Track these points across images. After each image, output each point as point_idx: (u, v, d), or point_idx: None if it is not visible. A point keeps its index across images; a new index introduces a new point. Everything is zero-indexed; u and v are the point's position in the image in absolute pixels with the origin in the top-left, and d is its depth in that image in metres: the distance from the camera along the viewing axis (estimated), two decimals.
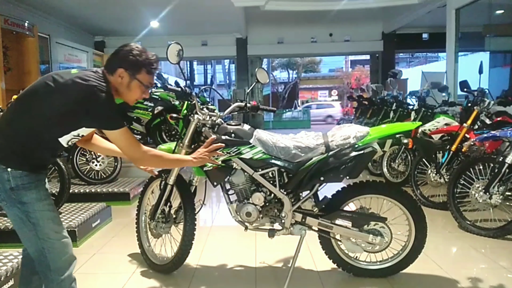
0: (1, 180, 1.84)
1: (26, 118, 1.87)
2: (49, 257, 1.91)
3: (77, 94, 1.83)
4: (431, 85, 6.37)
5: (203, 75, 29.66)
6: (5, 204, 1.88)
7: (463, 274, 2.98)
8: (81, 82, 1.85)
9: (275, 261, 3.28)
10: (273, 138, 2.72)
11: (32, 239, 1.91)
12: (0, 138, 1.88)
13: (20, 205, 1.86)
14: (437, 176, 4.70)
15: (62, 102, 1.84)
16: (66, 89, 1.84)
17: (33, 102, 1.88)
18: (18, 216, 1.89)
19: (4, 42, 6.68)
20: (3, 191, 1.86)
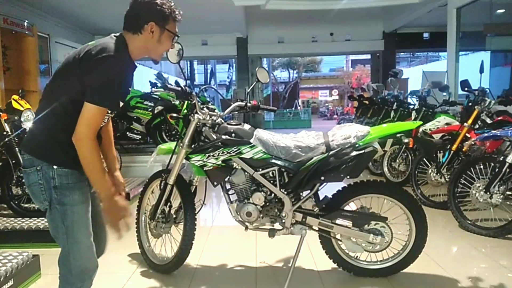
0: (46, 177, 1.76)
1: (56, 107, 1.78)
2: (73, 262, 1.85)
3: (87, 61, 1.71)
4: (432, 84, 6.36)
5: (203, 74, 29.64)
6: (47, 204, 1.79)
7: (463, 274, 2.97)
8: (93, 52, 1.72)
9: (276, 260, 3.27)
10: (273, 138, 2.71)
11: (61, 242, 1.85)
12: (41, 135, 1.82)
13: (59, 206, 1.77)
14: (437, 176, 4.69)
15: (76, 75, 1.72)
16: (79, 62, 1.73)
17: (56, 89, 1.80)
18: (55, 217, 1.80)
19: (3, 41, 6.68)
20: (47, 189, 1.77)
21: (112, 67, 1.70)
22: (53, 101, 1.78)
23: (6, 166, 3.94)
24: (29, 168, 1.78)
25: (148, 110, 6.44)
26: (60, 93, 1.77)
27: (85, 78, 1.69)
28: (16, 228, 3.69)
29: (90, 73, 1.68)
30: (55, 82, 1.83)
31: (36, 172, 1.76)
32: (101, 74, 1.68)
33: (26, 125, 3.99)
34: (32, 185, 1.78)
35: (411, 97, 7.04)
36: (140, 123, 6.58)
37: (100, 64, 1.68)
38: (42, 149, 1.79)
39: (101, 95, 1.69)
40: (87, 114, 1.68)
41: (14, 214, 4.01)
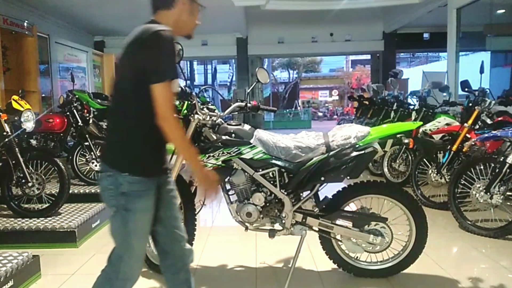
0: (115, 184, 1.77)
1: (122, 109, 1.81)
2: (122, 267, 1.87)
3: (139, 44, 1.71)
4: (432, 85, 6.35)
5: (203, 75, 29.64)
6: (114, 210, 1.80)
7: (463, 274, 2.97)
8: (139, 37, 1.72)
9: (276, 261, 3.27)
10: (273, 138, 2.71)
11: (117, 244, 1.87)
12: (114, 143, 1.85)
13: (123, 211, 1.78)
14: (438, 176, 4.69)
15: (132, 65, 1.73)
16: (130, 50, 1.74)
17: (116, 92, 1.83)
18: (117, 221, 1.81)
19: (3, 42, 6.67)
20: (116, 194, 1.77)
21: (164, 39, 1.69)
22: (118, 104, 1.82)
23: (6, 167, 3.94)
24: (103, 173, 1.81)
25: None
26: (124, 95, 1.79)
27: (142, 62, 1.69)
28: (16, 229, 3.69)
29: (145, 55, 1.69)
30: (117, 88, 1.84)
31: (107, 178, 1.79)
32: (156, 49, 1.69)
33: (26, 126, 3.99)
34: (103, 190, 1.82)
35: (411, 98, 7.04)
36: None
37: (151, 41, 1.69)
38: (113, 157, 1.82)
39: (163, 70, 1.69)
40: (159, 95, 1.68)
41: (14, 215, 4.01)
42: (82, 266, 3.29)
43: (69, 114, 5.58)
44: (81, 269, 3.25)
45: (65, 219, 3.85)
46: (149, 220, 1.86)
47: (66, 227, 3.71)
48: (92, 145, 5.47)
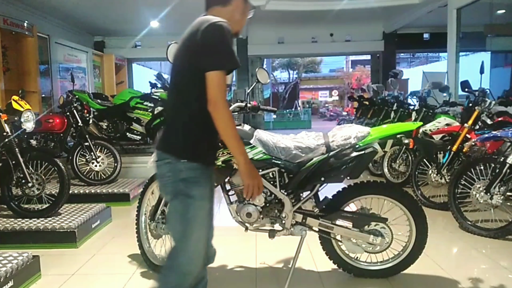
0: (174, 170, 1.79)
1: (180, 98, 1.84)
2: (180, 259, 1.86)
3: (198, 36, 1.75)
4: (432, 85, 6.35)
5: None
6: (171, 197, 1.83)
7: (464, 275, 2.97)
8: (197, 26, 1.77)
9: (276, 261, 3.27)
10: (273, 139, 2.70)
11: (176, 236, 1.87)
12: (173, 132, 1.86)
13: (185, 197, 1.79)
14: (438, 177, 4.69)
15: (190, 56, 1.77)
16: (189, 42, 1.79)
17: (175, 82, 1.88)
18: (177, 209, 1.82)
19: (3, 42, 6.67)
20: (174, 181, 1.80)
21: (222, 30, 1.74)
22: (178, 94, 1.85)
23: (6, 167, 3.94)
24: (160, 161, 1.84)
25: (148, 110, 6.44)
26: (182, 84, 1.82)
27: (201, 51, 1.73)
28: (16, 229, 3.69)
29: (203, 43, 1.73)
30: (176, 78, 1.88)
31: (165, 165, 1.81)
32: (213, 39, 1.73)
33: (26, 126, 3.99)
34: (161, 177, 1.85)
35: (411, 98, 7.03)
36: (140, 124, 6.58)
37: (209, 31, 1.73)
38: (173, 144, 1.84)
39: (219, 59, 1.73)
40: (212, 82, 1.71)
41: (14, 215, 4.01)
42: (82, 267, 3.29)
43: (69, 114, 5.59)
44: (81, 269, 3.25)
45: (65, 220, 3.85)
46: (210, 211, 1.89)
47: (66, 227, 3.71)
48: (92, 145, 5.48)
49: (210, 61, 1.72)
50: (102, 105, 6.75)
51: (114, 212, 4.64)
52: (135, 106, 6.49)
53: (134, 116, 6.53)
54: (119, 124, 6.61)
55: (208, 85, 1.71)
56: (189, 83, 1.78)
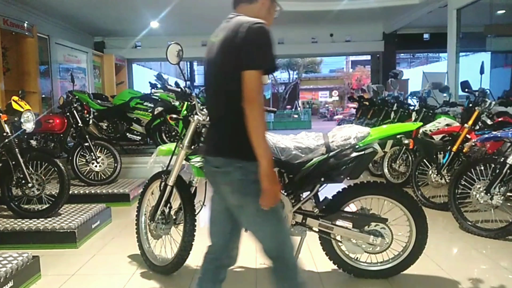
0: (247, 173, 1.76)
1: (228, 103, 1.81)
2: (287, 254, 1.90)
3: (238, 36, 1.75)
4: (432, 85, 6.35)
5: (203, 75, 29.65)
6: (246, 201, 1.80)
7: (464, 275, 2.97)
8: (235, 27, 1.77)
9: None
10: (273, 139, 2.70)
11: (271, 235, 1.87)
12: (228, 134, 1.83)
13: (255, 198, 1.77)
14: (438, 177, 4.69)
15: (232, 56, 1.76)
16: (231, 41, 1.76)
17: (217, 87, 1.86)
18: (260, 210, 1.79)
19: (3, 42, 6.67)
20: (250, 184, 1.77)
21: (261, 31, 1.75)
22: (228, 98, 1.81)
23: (6, 167, 3.94)
24: (226, 167, 1.79)
25: (148, 111, 6.44)
26: (232, 88, 1.78)
27: (241, 53, 1.73)
28: (16, 229, 3.69)
29: (243, 43, 1.73)
30: (217, 83, 1.87)
31: (237, 170, 1.77)
32: (253, 40, 1.73)
33: (26, 126, 3.98)
34: (231, 183, 1.80)
35: (411, 98, 7.03)
36: (140, 124, 6.58)
37: (249, 32, 1.73)
38: (238, 149, 1.79)
39: (257, 59, 1.73)
40: (249, 80, 1.71)
41: (14, 215, 4.01)
42: (82, 267, 3.29)
43: (69, 114, 5.59)
44: (81, 269, 3.24)
45: (65, 220, 3.85)
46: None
47: (66, 227, 3.71)
48: (92, 145, 5.48)
49: (248, 60, 1.72)
50: (102, 105, 6.75)
51: (114, 212, 4.63)
52: (135, 106, 6.49)
53: (134, 116, 6.53)
54: (119, 125, 6.61)
55: (245, 83, 1.71)
56: (239, 87, 1.74)
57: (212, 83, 1.90)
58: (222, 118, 1.85)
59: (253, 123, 1.71)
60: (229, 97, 1.79)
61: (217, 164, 1.82)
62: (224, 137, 1.84)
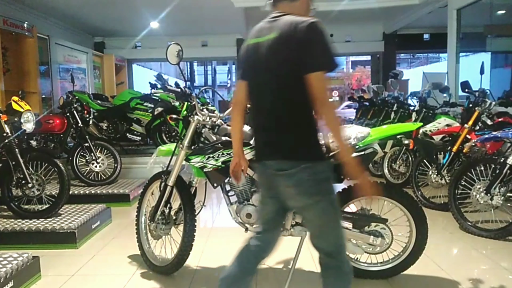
0: (314, 172, 1.79)
1: (287, 103, 1.82)
2: (343, 254, 1.94)
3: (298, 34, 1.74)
4: (432, 85, 6.35)
5: (203, 76, 29.63)
6: (315, 200, 1.82)
7: (464, 275, 2.97)
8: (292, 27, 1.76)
9: (276, 262, 3.26)
10: None
11: (332, 232, 1.90)
12: (291, 135, 1.83)
13: (330, 196, 1.86)
14: (438, 177, 4.69)
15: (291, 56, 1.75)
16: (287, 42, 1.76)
17: (273, 88, 1.83)
18: (327, 209, 1.85)
19: (3, 43, 6.67)
20: (318, 183, 1.81)
21: (320, 30, 1.75)
22: (286, 98, 1.81)
23: (6, 168, 3.94)
24: (294, 169, 1.79)
25: (148, 111, 6.43)
26: (286, 90, 1.80)
27: (302, 54, 1.72)
28: (16, 230, 3.69)
29: (305, 44, 1.72)
30: (272, 84, 1.83)
31: (304, 170, 1.78)
32: (313, 40, 1.73)
33: (26, 127, 3.98)
34: (299, 184, 1.80)
35: (411, 99, 7.03)
36: (140, 125, 6.58)
37: (309, 32, 1.73)
38: (304, 149, 1.82)
39: (321, 60, 1.73)
40: (318, 82, 1.72)
41: (14, 216, 4.01)
42: (82, 267, 3.29)
43: (69, 115, 5.59)
44: (81, 270, 3.24)
45: (65, 220, 3.85)
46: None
47: (66, 228, 3.71)
48: (92, 146, 5.48)
49: (313, 62, 1.72)
50: (102, 105, 6.75)
51: (114, 212, 4.63)
52: (135, 106, 6.49)
53: (134, 116, 6.53)
54: (119, 125, 6.60)
55: (314, 86, 1.71)
56: (299, 86, 1.75)
57: (267, 84, 1.84)
58: (284, 120, 1.83)
59: (331, 123, 1.76)
60: (290, 99, 1.80)
61: (280, 167, 1.81)
62: (288, 139, 1.83)
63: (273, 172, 1.85)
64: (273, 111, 1.85)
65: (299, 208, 1.90)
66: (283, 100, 1.81)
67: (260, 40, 1.86)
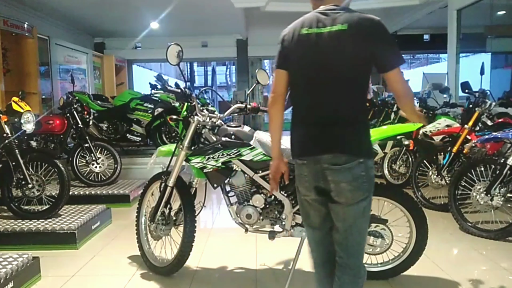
0: (366, 169, 1.81)
1: (357, 96, 1.84)
2: (364, 250, 1.94)
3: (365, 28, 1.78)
4: (432, 86, 6.35)
5: (203, 76, 29.60)
6: (363, 197, 1.82)
7: (464, 276, 2.97)
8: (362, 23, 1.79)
9: (276, 263, 3.26)
10: None
11: (363, 232, 1.93)
12: (352, 131, 1.83)
13: (370, 194, 1.86)
14: (438, 178, 4.68)
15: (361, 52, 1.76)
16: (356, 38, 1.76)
17: (341, 80, 1.80)
18: (366, 208, 1.86)
19: (3, 43, 6.65)
20: (368, 180, 1.82)
21: (386, 29, 1.81)
22: (354, 93, 1.82)
23: (6, 168, 3.94)
24: (350, 163, 1.78)
25: (148, 112, 6.43)
26: (358, 83, 1.82)
27: (374, 50, 1.75)
28: (16, 230, 3.69)
29: (381, 41, 1.77)
30: (340, 77, 1.80)
31: (359, 165, 1.78)
32: (386, 38, 1.80)
33: (26, 127, 3.98)
34: (354, 179, 1.79)
35: None
36: (140, 125, 6.57)
37: (382, 29, 1.79)
38: (359, 144, 1.83)
39: (397, 57, 1.79)
40: (399, 77, 1.78)
41: (14, 216, 4.01)
42: (82, 268, 3.29)
43: (69, 115, 5.59)
44: (81, 270, 3.24)
45: (65, 221, 3.84)
46: None
47: (66, 228, 3.71)
48: (92, 146, 5.48)
49: (395, 59, 1.77)
50: (102, 106, 6.75)
51: (114, 213, 4.63)
52: (135, 107, 6.48)
53: (134, 117, 6.53)
54: (119, 126, 6.60)
55: (397, 80, 1.77)
56: (361, 81, 1.82)
57: (329, 76, 1.80)
58: (344, 114, 1.82)
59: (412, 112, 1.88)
60: (352, 93, 1.81)
61: (335, 161, 1.78)
62: (347, 133, 1.82)
63: (325, 167, 1.80)
64: (333, 104, 1.82)
65: (343, 204, 1.83)
66: (346, 93, 1.80)
67: (319, 30, 1.80)
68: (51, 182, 4.42)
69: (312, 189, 1.89)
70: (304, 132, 1.89)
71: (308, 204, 1.95)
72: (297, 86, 1.90)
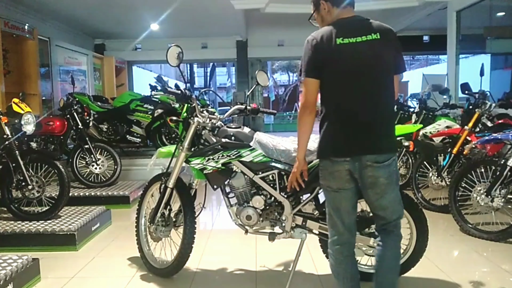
0: (396, 164, 2.10)
1: (389, 98, 2.11)
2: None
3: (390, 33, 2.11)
4: (432, 87, 6.34)
5: (203, 77, 29.62)
6: (395, 186, 2.11)
7: (464, 278, 2.96)
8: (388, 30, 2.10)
9: (276, 264, 3.26)
10: (273, 141, 2.70)
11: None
12: (388, 130, 2.12)
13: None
14: (438, 179, 4.68)
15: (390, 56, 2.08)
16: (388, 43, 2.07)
17: (382, 80, 2.07)
18: (398, 190, 2.15)
19: (4, 45, 6.66)
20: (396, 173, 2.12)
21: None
22: (388, 94, 2.08)
23: (6, 169, 3.93)
24: (389, 160, 2.05)
25: (148, 113, 6.44)
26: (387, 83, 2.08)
27: (396, 54, 2.11)
28: (16, 232, 3.68)
29: (397, 48, 2.11)
30: (381, 77, 2.06)
31: (393, 162, 2.08)
32: (400, 45, 2.13)
33: (26, 128, 3.98)
34: (392, 174, 2.06)
35: (411, 100, 7.03)
36: (140, 126, 6.58)
37: (397, 38, 2.14)
38: (393, 142, 2.15)
39: (404, 62, 2.19)
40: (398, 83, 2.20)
41: (14, 218, 4.01)
42: (82, 269, 3.28)
43: (69, 117, 5.59)
44: (81, 272, 3.24)
45: (65, 222, 3.84)
46: None
47: (66, 230, 3.70)
48: (92, 147, 5.48)
49: (404, 64, 2.16)
50: (102, 107, 6.75)
51: (114, 214, 4.63)
52: (135, 108, 6.49)
53: (134, 118, 6.53)
54: (119, 127, 6.60)
55: (397, 83, 2.16)
56: (392, 84, 2.09)
57: (373, 82, 2.03)
58: (385, 115, 2.08)
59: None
60: (390, 95, 2.08)
61: (377, 160, 2.01)
62: (387, 133, 2.09)
63: (368, 164, 2.01)
64: (373, 107, 2.03)
65: (378, 195, 2.07)
66: (384, 96, 2.05)
67: (355, 40, 2.01)
68: (51, 183, 4.42)
69: (350, 180, 2.08)
70: (347, 134, 2.05)
71: (341, 196, 2.12)
72: (337, 92, 2.06)
